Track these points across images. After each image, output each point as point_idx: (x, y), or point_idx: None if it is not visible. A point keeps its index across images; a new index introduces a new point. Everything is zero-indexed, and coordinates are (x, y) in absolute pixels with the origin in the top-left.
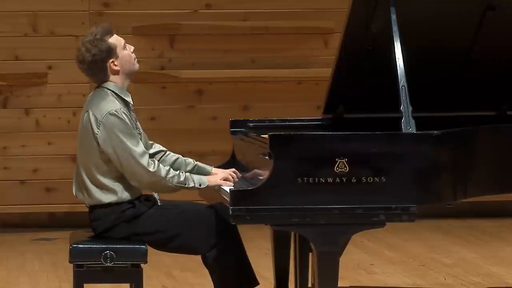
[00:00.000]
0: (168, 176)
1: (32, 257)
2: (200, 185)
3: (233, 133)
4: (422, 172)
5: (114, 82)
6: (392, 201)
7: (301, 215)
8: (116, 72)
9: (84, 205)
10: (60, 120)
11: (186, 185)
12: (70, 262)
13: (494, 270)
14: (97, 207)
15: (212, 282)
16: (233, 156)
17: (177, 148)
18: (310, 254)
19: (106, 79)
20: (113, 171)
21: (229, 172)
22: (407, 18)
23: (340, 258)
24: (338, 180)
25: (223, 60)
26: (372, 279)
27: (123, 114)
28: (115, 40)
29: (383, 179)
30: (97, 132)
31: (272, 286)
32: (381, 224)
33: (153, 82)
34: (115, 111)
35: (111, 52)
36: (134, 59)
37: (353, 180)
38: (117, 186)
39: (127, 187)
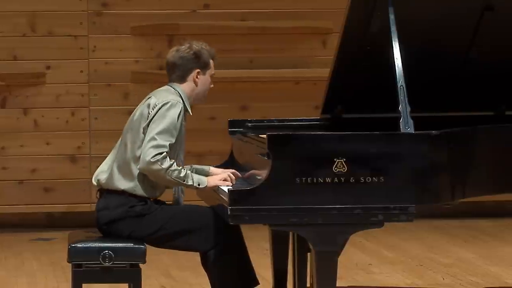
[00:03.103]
0: (169, 169)
1: (31, 257)
2: (199, 185)
3: (231, 133)
4: (421, 172)
5: (184, 89)
6: (391, 201)
7: (299, 215)
8: (194, 82)
9: (85, 204)
10: (59, 120)
11: (185, 182)
12: (68, 262)
13: (492, 270)
14: (109, 192)
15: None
16: (231, 156)
17: None
18: (309, 254)
19: (180, 81)
20: None
21: (229, 172)
22: (406, 18)
23: (339, 258)
24: (337, 180)
25: (221, 60)
26: (371, 279)
27: (180, 112)
28: (212, 65)
29: (382, 179)
30: (150, 112)
31: (271, 286)
32: (379, 224)
33: (151, 82)
34: (177, 102)
35: (205, 65)
36: (206, 93)
37: (352, 180)
38: (140, 174)
39: (147, 180)
